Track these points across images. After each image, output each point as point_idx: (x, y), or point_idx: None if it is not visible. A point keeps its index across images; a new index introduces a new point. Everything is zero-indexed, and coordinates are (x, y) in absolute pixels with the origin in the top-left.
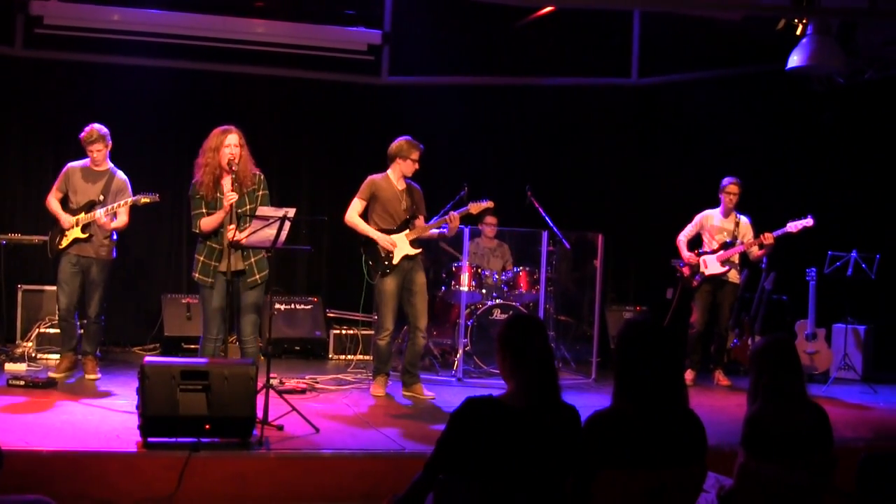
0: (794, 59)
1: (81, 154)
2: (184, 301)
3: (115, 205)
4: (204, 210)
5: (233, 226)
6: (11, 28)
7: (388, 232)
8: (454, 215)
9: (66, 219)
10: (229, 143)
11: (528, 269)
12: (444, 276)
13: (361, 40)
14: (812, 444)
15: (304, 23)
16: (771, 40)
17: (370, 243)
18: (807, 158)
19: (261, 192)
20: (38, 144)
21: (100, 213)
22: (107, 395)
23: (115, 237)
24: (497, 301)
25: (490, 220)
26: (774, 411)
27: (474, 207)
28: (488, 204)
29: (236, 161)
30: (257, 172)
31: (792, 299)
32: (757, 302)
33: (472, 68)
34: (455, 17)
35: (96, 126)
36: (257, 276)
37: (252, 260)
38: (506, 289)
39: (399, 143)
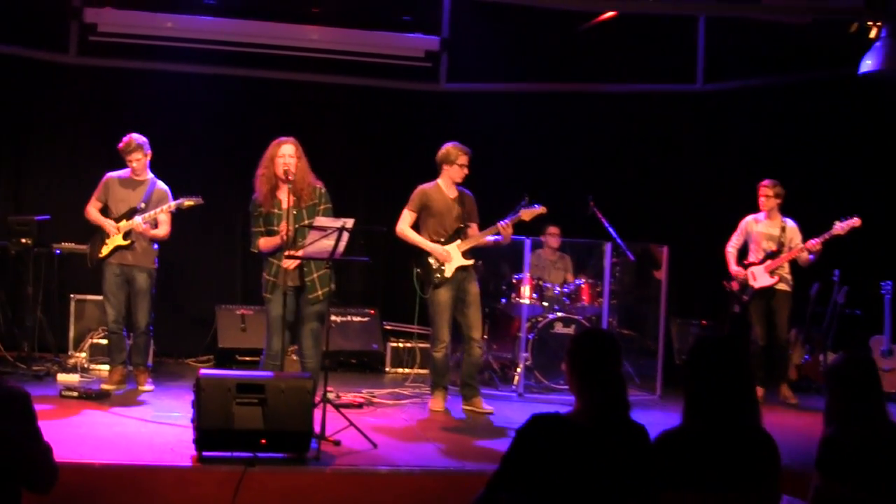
0: (868, 64)
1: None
2: (238, 312)
3: (156, 211)
4: (262, 227)
5: (288, 258)
6: (66, 35)
7: (440, 243)
8: (505, 223)
9: (110, 224)
10: (283, 154)
11: (590, 281)
12: (504, 288)
13: (419, 47)
14: (892, 468)
15: (360, 29)
16: (842, 44)
17: (421, 255)
18: (881, 167)
19: (323, 206)
20: (91, 152)
21: (138, 220)
22: (160, 407)
23: (156, 246)
24: (559, 314)
25: (552, 230)
26: (852, 433)
27: (526, 214)
28: (541, 210)
29: (292, 171)
30: (318, 186)
31: (866, 314)
32: (829, 317)
33: (532, 74)
34: (514, 22)
35: (134, 136)
36: (319, 293)
37: (315, 275)
38: (568, 301)
39: (446, 148)
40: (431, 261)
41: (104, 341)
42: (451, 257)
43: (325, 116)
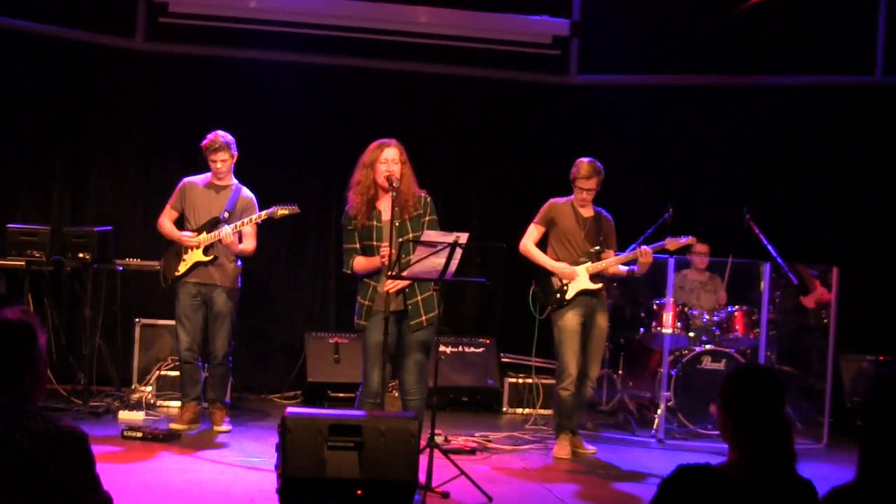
0: None
1: (206, 164)
2: (331, 341)
3: (242, 222)
4: (357, 244)
5: (391, 279)
6: (132, 17)
7: (570, 264)
8: (645, 250)
9: (188, 237)
10: (386, 159)
11: (745, 307)
12: (642, 315)
13: (545, 31)
14: None
15: (475, 11)
16: None
17: (543, 274)
18: None
19: (427, 218)
20: (161, 153)
21: (227, 231)
22: (239, 450)
23: (240, 263)
24: (707, 346)
25: (700, 248)
26: None
27: (672, 244)
28: (689, 241)
29: (396, 178)
30: (422, 195)
31: None
32: None
33: (677, 65)
34: (656, 3)
35: (220, 133)
36: (423, 318)
37: (418, 298)
38: (718, 331)
39: (576, 164)
40: (554, 279)
41: (175, 373)
42: (576, 278)
43: (433, 114)
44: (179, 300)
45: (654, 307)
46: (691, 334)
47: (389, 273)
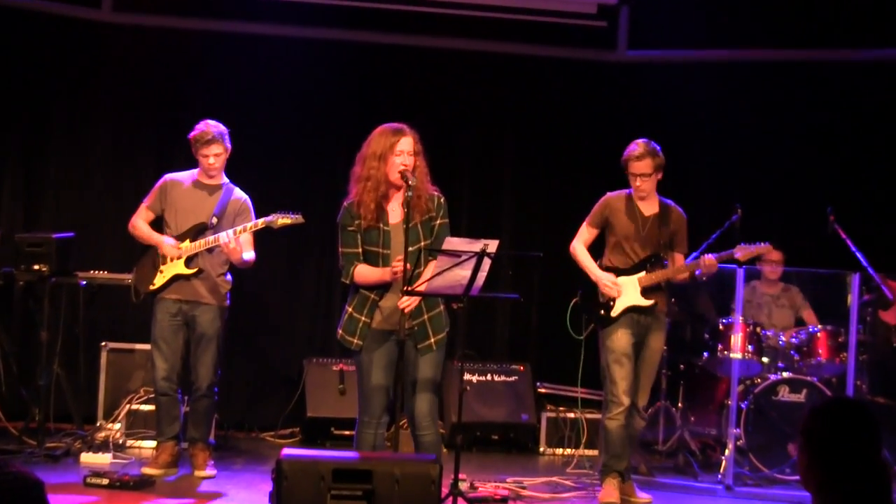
0: None
1: (191, 159)
2: (335, 368)
3: (241, 228)
4: (359, 249)
5: (407, 294)
6: None
7: (618, 272)
8: (709, 259)
9: (168, 245)
10: (402, 150)
11: (829, 327)
12: (706, 336)
13: (590, 1)
14: None
15: None
16: None
17: (590, 284)
18: None
19: (439, 221)
20: (135, 145)
21: (227, 235)
22: (225, 500)
23: (230, 277)
24: (784, 374)
25: (773, 256)
26: None
27: (743, 252)
28: (763, 249)
29: (411, 172)
30: (435, 194)
31: None
32: None
33: (744, 38)
34: None
35: (211, 123)
36: (432, 340)
37: (425, 317)
38: (797, 356)
39: (627, 153)
40: (600, 294)
41: (149, 407)
42: (623, 292)
43: (457, 97)
44: (156, 320)
45: (721, 327)
46: (765, 359)
47: (405, 288)
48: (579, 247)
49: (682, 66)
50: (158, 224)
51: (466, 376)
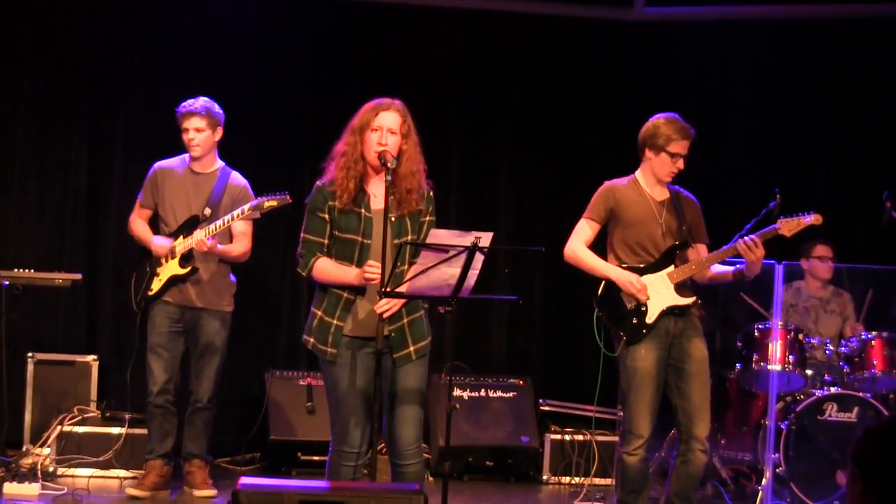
0: None
1: (151, 134)
2: (302, 383)
3: (218, 224)
4: (325, 238)
5: (385, 296)
6: None
7: (639, 271)
8: (752, 240)
9: (157, 244)
10: (380, 126)
11: (884, 334)
12: (739, 344)
13: None
14: None
15: None
16: None
17: (609, 289)
18: None
19: (428, 219)
20: (66, 118)
21: (199, 235)
22: None
23: (234, 277)
24: (832, 389)
25: (821, 250)
26: None
27: (787, 225)
28: (813, 220)
29: (391, 155)
30: (425, 187)
31: None
32: None
33: None
34: None
35: (202, 99)
36: (411, 349)
37: (404, 320)
38: (847, 367)
39: (653, 123)
40: (627, 296)
41: (84, 429)
42: (655, 292)
43: (447, 62)
44: (155, 325)
45: (756, 333)
46: (809, 372)
47: (383, 289)
48: (580, 247)
49: (706, 24)
50: (156, 221)
51: (456, 392)
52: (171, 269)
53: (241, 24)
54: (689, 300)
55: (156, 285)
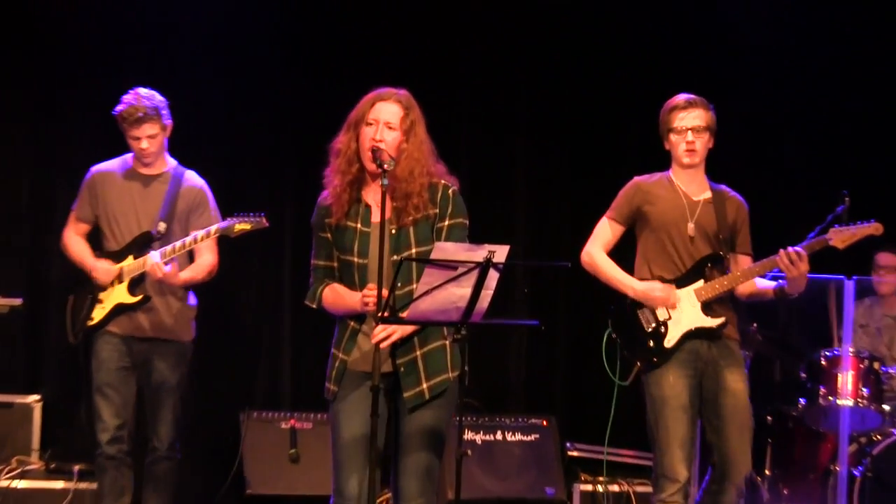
0: None
1: (105, 136)
2: (284, 426)
3: (189, 240)
4: (333, 262)
5: (382, 322)
6: None
7: (667, 283)
8: (796, 252)
9: (100, 267)
10: (376, 119)
11: None
12: (801, 375)
13: None
14: None
15: None
16: None
17: (625, 306)
18: None
19: (448, 223)
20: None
21: (153, 261)
22: None
23: (193, 301)
24: None
25: (883, 259)
26: None
27: (840, 236)
28: (872, 229)
29: (387, 153)
30: (440, 182)
31: None
32: None
33: None
34: None
35: (144, 93)
36: (424, 386)
37: (416, 353)
38: None
39: (668, 105)
40: (644, 314)
41: (25, 484)
42: (679, 310)
43: (454, 43)
44: (100, 360)
45: (823, 362)
46: (886, 408)
47: (380, 314)
48: (598, 253)
49: None
50: (96, 236)
51: (467, 435)
52: (117, 295)
53: (220, 15)
54: (717, 322)
55: (98, 314)
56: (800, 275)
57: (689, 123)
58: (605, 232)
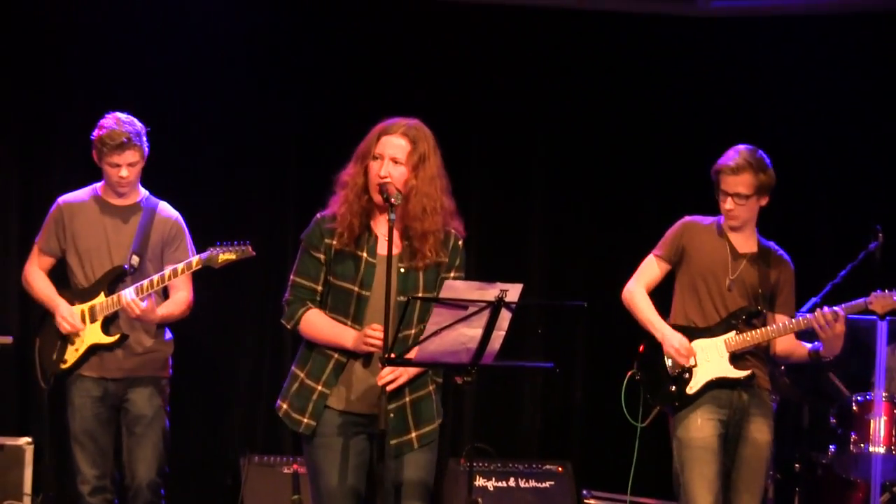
0: None
1: (84, 171)
2: (286, 470)
3: (167, 273)
4: (319, 285)
5: (389, 364)
6: None
7: (698, 330)
8: (833, 313)
9: (65, 310)
10: (381, 153)
11: None
12: (833, 421)
13: None
14: None
15: None
16: None
17: (653, 348)
18: None
19: (453, 275)
20: None
21: (128, 294)
22: None
23: (169, 336)
24: None
25: None
26: None
27: (881, 302)
28: None
29: (394, 186)
30: (452, 232)
31: None
32: None
33: None
34: None
35: (123, 118)
36: (413, 435)
37: (406, 399)
38: None
39: (719, 163)
40: (669, 362)
41: None
42: (704, 359)
43: (477, 65)
44: (74, 407)
45: (854, 407)
46: None
47: (386, 355)
48: (638, 291)
49: (782, 19)
50: (62, 271)
51: (478, 482)
52: (91, 336)
53: (197, 20)
54: (744, 374)
55: (71, 356)
56: (835, 336)
57: (731, 189)
58: (652, 270)
